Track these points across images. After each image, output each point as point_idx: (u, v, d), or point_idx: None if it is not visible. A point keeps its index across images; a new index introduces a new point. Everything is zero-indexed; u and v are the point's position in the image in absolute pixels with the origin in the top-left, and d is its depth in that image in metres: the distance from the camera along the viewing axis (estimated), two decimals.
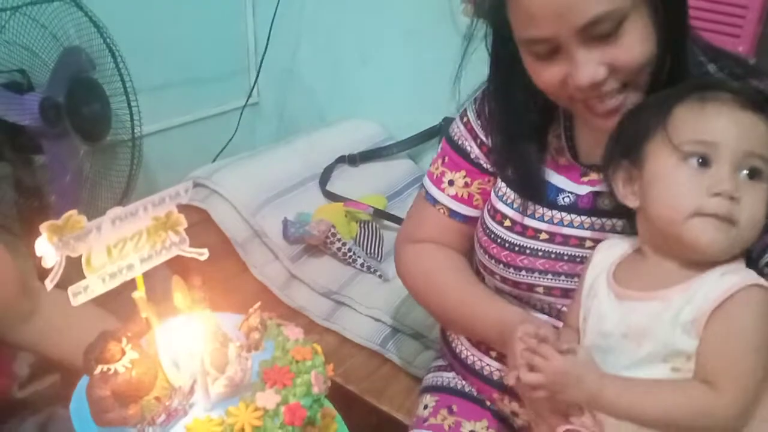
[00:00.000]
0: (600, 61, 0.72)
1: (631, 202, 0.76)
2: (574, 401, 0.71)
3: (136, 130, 1.52)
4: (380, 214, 1.69)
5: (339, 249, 1.57)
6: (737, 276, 0.68)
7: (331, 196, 1.71)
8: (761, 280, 0.67)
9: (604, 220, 0.85)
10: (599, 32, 0.71)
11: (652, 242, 0.75)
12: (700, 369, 0.67)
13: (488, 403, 1.00)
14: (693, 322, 0.67)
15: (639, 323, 0.71)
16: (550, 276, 0.87)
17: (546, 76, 0.77)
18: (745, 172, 0.68)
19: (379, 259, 1.61)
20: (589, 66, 0.72)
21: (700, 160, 0.68)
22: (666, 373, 0.69)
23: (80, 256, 0.57)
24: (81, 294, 0.57)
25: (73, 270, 0.58)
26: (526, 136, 0.89)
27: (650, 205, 0.73)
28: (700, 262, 0.70)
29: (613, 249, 0.80)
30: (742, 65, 0.83)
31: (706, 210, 0.67)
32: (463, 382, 1.04)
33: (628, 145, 0.75)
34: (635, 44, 0.72)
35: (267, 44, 2.06)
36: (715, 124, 0.68)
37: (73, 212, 0.54)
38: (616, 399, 0.68)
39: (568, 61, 0.73)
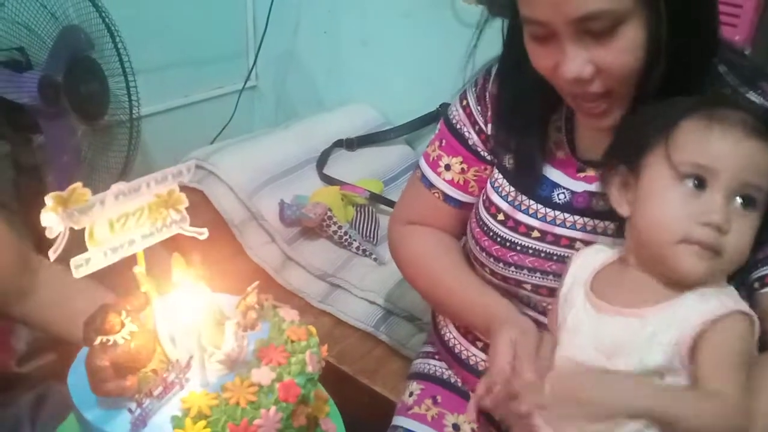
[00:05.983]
0: (588, 59, 0.71)
1: (624, 210, 0.75)
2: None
3: (134, 111, 1.52)
4: (376, 198, 1.70)
5: (335, 232, 1.58)
6: (717, 300, 0.67)
7: (328, 180, 1.72)
8: (740, 305, 0.67)
9: (596, 221, 0.83)
10: (593, 29, 0.70)
11: (637, 254, 0.73)
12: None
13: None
14: (675, 345, 0.67)
15: (613, 338, 0.70)
16: (538, 274, 0.87)
17: (538, 58, 0.77)
18: (739, 201, 0.67)
19: (374, 242, 1.62)
20: (576, 61, 0.72)
21: (696, 183, 0.67)
22: None
23: (82, 231, 0.58)
24: (83, 266, 0.58)
25: (73, 246, 0.58)
26: (529, 122, 0.88)
27: (640, 219, 0.72)
28: (681, 283, 0.69)
29: (594, 257, 0.78)
30: (753, 69, 0.81)
31: (693, 238, 0.66)
32: (450, 372, 1.04)
33: (628, 150, 0.74)
34: (626, 50, 0.71)
35: (266, 26, 2.06)
36: (719, 149, 0.67)
37: (78, 185, 0.55)
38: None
39: (560, 50, 0.73)
